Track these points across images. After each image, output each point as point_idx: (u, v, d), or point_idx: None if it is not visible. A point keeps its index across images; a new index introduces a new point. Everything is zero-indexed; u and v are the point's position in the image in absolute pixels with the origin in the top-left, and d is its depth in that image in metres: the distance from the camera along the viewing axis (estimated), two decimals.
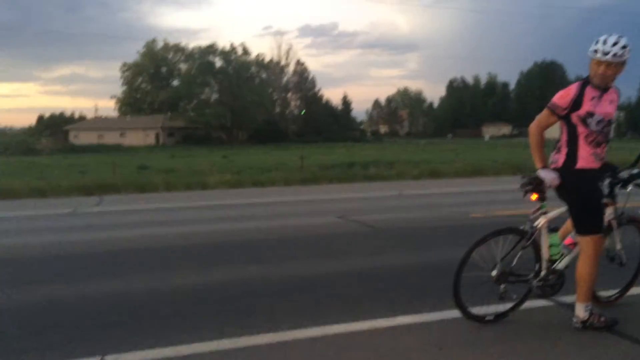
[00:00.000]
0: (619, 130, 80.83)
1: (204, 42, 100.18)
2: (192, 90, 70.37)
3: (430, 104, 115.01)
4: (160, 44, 79.90)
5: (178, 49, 78.50)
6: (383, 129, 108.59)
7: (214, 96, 72.90)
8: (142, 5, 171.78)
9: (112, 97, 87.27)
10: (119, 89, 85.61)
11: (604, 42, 3.49)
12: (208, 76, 70.41)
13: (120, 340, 3.75)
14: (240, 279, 5.33)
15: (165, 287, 5.08)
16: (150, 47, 80.00)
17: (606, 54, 3.47)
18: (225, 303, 4.56)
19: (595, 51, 3.51)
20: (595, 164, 3.68)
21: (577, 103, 3.59)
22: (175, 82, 78.36)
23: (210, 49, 71.27)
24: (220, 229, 8.14)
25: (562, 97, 3.63)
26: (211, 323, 4.05)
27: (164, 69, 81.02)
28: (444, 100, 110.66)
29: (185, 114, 71.00)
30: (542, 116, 3.74)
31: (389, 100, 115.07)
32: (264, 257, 6.28)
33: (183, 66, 76.46)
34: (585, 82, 3.63)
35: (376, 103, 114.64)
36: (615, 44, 3.46)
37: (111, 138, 67.79)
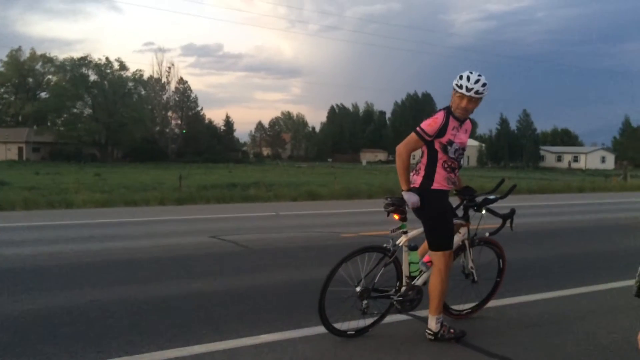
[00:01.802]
0: (480, 160, 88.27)
1: (78, 54, 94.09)
2: (62, 103, 65.74)
3: (313, 129, 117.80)
4: (27, 53, 74.38)
5: (47, 59, 73.44)
6: (266, 151, 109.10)
7: (87, 111, 68.72)
8: (10, 12, 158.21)
9: None
10: None
11: (468, 79, 3.78)
12: (81, 89, 66.23)
13: None
14: (100, 300, 4.99)
15: (13, 311, 4.61)
16: (14, 56, 74.15)
17: (469, 90, 3.76)
18: (80, 326, 4.24)
19: (460, 86, 3.79)
20: (447, 187, 3.97)
21: (441, 131, 3.83)
22: (44, 95, 73.01)
23: (83, 61, 67.20)
24: (82, 249, 7.60)
25: (430, 125, 3.83)
26: (63, 348, 3.75)
27: (30, 80, 75.34)
28: (325, 126, 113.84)
29: (53, 128, 66.15)
30: (411, 140, 3.91)
31: (273, 123, 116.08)
32: (128, 278, 5.96)
33: (53, 78, 71.42)
34: (449, 112, 3.89)
35: (259, 125, 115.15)
36: (477, 81, 3.77)
37: None
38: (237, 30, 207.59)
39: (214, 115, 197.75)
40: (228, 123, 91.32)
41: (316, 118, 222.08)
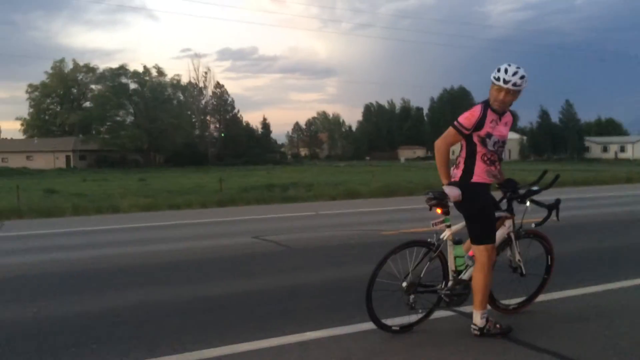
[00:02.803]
0: (522, 153, 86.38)
1: (118, 63, 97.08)
2: (105, 112, 67.75)
3: (349, 127, 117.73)
4: (69, 65, 76.86)
5: (89, 69, 75.75)
6: (303, 151, 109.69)
7: (129, 118, 70.61)
8: (53, 25, 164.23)
9: (17, 118, 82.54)
10: (25, 110, 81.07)
11: (505, 71, 3.74)
12: (122, 98, 68.08)
13: None
14: (150, 301, 5.16)
15: (70, 313, 4.81)
16: (58, 67, 76.75)
17: (507, 82, 3.73)
18: (133, 326, 4.39)
19: (497, 79, 3.75)
20: (488, 180, 3.93)
21: (479, 124, 3.81)
22: (87, 104, 75.33)
23: (122, 70, 69.06)
24: (130, 252, 7.85)
25: (468, 119, 3.82)
26: (116, 348, 3.89)
27: (74, 90, 77.86)
28: (361, 124, 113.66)
29: (98, 136, 68.20)
30: (449, 134, 3.91)
31: (309, 123, 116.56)
32: (176, 279, 6.13)
33: (95, 87, 73.64)
34: (486, 105, 3.86)
35: (296, 126, 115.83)
36: (515, 73, 3.72)
37: (16, 161, 64.06)
38: (271, 33, 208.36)
39: (251, 117, 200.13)
40: (265, 125, 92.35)
41: (352, 117, 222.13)
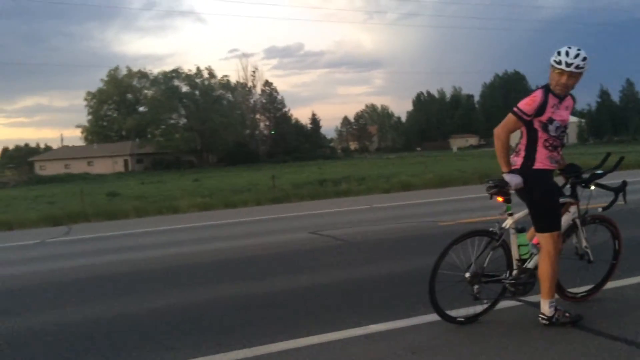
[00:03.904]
0: (581, 136, 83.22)
1: (170, 67, 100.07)
2: (159, 115, 69.83)
3: (398, 119, 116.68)
4: (123, 71, 79.49)
5: (142, 74, 78.12)
6: (353, 145, 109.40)
7: (182, 120, 72.47)
8: (107, 34, 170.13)
9: (77, 126, 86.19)
10: (84, 118, 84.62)
11: (567, 54, 3.64)
12: (174, 101, 69.94)
13: None
14: (215, 297, 5.32)
15: (140, 310, 5.03)
16: (113, 74, 79.48)
17: (569, 65, 3.63)
18: (200, 322, 4.54)
19: (559, 62, 3.66)
20: (551, 166, 3.84)
21: (540, 110, 3.73)
22: (142, 108, 77.80)
23: (174, 74, 70.96)
24: (193, 251, 8.09)
25: (528, 104, 3.74)
26: (187, 342, 4.04)
27: (129, 96, 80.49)
28: (411, 115, 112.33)
29: (153, 139, 70.34)
30: (509, 121, 3.84)
31: (358, 116, 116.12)
32: (237, 275, 6.28)
33: (149, 92, 75.96)
34: (547, 90, 3.77)
35: (345, 120, 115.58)
36: (576, 56, 3.63)
37: (78, 167, 66.87)
38: (316, 28, 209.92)
39: (300, 113, 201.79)
40: (314, 120, 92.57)
41: (401, 108, 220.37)
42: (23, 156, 78.99)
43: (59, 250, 9.14)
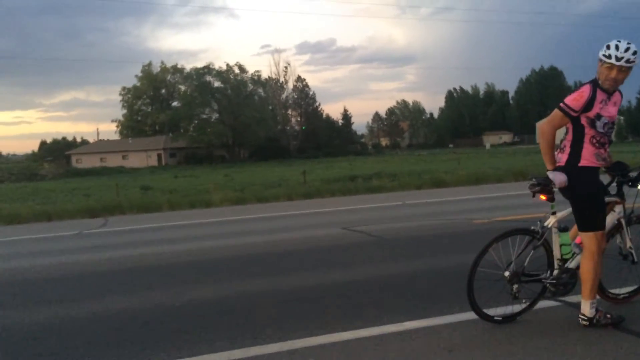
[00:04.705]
0: (619, 134, 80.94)
1: (203, 63, 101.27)
2: (192, 110, 70.69)
3: (431, 115, 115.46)
4: (157, 67, 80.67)
5: (176, 70, 79.10)
6: (384, 141, 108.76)
7: (215, 115, 73.22)
8: (142, 30, 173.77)
9: (113, 120, 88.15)
10: (119, 113, 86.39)
11: (617, 48, 3.54)
12: (207, 96, 70.69)
13: (132, 356, 3.79)
14: (249, 291, 5.37)
15: (175, 302, 5.11)
16: (147, 70, 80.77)
17: (619, 59, 3.53)
18: (235, 315, 4.60)
19: (608, 56, 3.56)
20: (597, 163, 3.74)
21: (588, 105, 3.64)
22: (175, 103, 78.88)
23: (206, 70, 71.69)
24: (226, 244, 8.18)
25: (576, 100, 3.65)
26: (222, 335, 4.09)
27: (163, 91, 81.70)
28: (443, 111, 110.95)
29: (186, 134, 71.31)
30: (555, 117, 3.74)
31: (389, 112, 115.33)
32: (271, 269, 6.33)
33: (182, 87, 76.95)
34: (595, 85, 3.68)
35: (376, 116, 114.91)
36: (627, 49, 3.52)
37: (113, 161, 68.25)
38: (348, 23, 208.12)
39: (332, 109, 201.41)
40: (346, 116, 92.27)
41: (433, 104, 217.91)
42: (60, 149, 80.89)
43: (97, 241, 9.35)
